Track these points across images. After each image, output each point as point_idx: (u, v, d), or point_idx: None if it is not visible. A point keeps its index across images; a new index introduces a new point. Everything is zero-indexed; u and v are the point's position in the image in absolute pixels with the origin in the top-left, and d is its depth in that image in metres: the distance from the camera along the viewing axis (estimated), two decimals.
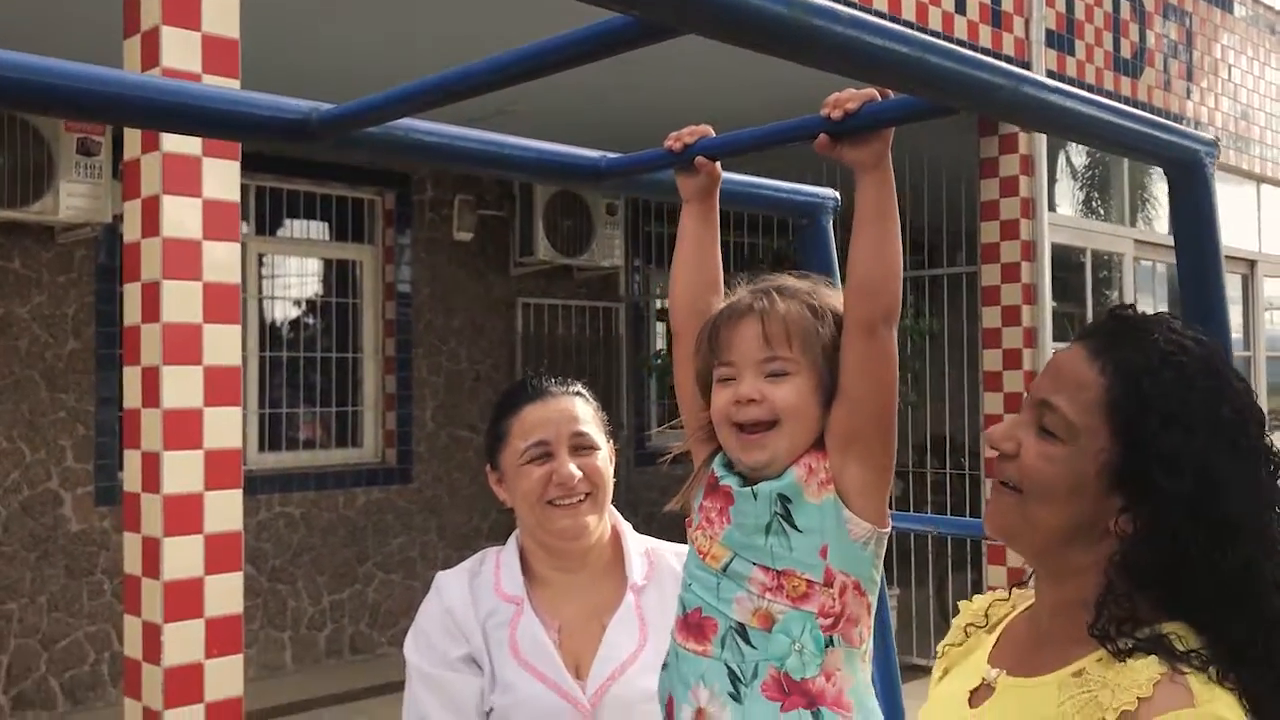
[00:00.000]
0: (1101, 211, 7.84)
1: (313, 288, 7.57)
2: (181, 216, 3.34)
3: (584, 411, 1.85)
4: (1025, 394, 1.35)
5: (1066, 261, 7.15)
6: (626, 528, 1.91)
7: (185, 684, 3.32)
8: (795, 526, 1.35)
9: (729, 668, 1.35)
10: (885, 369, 1.35)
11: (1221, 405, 1.18)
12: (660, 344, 9.27)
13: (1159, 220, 8.43)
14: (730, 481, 1.41)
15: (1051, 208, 6.90)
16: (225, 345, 3.42)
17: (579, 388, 1.90)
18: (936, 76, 1.14)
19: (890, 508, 1.42)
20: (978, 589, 6.58)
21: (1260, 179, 9.31)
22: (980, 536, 5.70)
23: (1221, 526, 1.15)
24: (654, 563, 1.87)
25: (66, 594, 6.13)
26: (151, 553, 3.35)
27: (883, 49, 1.06)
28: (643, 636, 1.79)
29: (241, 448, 3.51)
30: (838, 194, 1.94)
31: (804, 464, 1.37)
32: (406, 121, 1.35)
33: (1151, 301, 8.17)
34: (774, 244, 7.36)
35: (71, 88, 1.19)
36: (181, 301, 3.34)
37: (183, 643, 3.33)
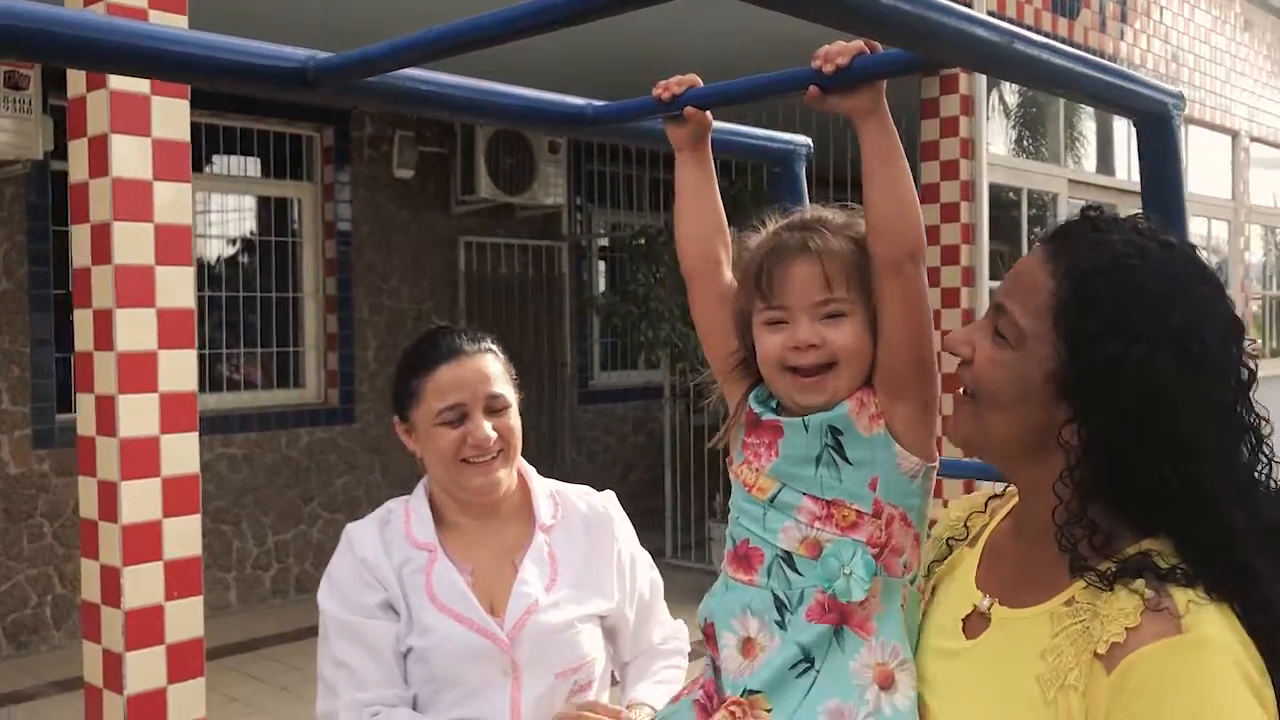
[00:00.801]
0: (1033, 150, 7.96)
1: (249, 226, 7.45)
2: (130, 156, 3.28)
3: (496, 369, 1.88)
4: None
5: (1000, 200, 7.27)
6: (532, 472, 1.97)
7: (146, 626, 3.33)
8: (846, 458, 1.35)
9: (775, 595, 1.36)
10: (917, 307, 1.34)
11: (1173, 312, 1.13)
12: (603, 283, 9.29)
13: (1088, 159, 8.59)
14: (773, 415, 1.41)
15: None
16: (178, 287, 3.38)
17: (489, 343, 1.91)
18: (932, 32, 1.17)
19: None
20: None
21: (1188, 120, 9.51)
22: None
23: (1168, 442, 1.11)
24: (560, 504, 1.94)
25: (6, 537, 6.05)
26: (108, 496, 3.33)
27: (878, 4, 1.08)
28: (553, 573, 1.87)
29: (196, 390, 3.48)
30: (810, 140, 1.98)
31: (856, 398, 1.36)
32: (401, 70, 1.35)
33: None
34: (733, 187, 7.35)
35: (67, 35, 1.18)
36: (133, 243, 3.29)
37: (142, 585, 3.33)
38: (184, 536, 3.41)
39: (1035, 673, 1.13)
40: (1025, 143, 8.00)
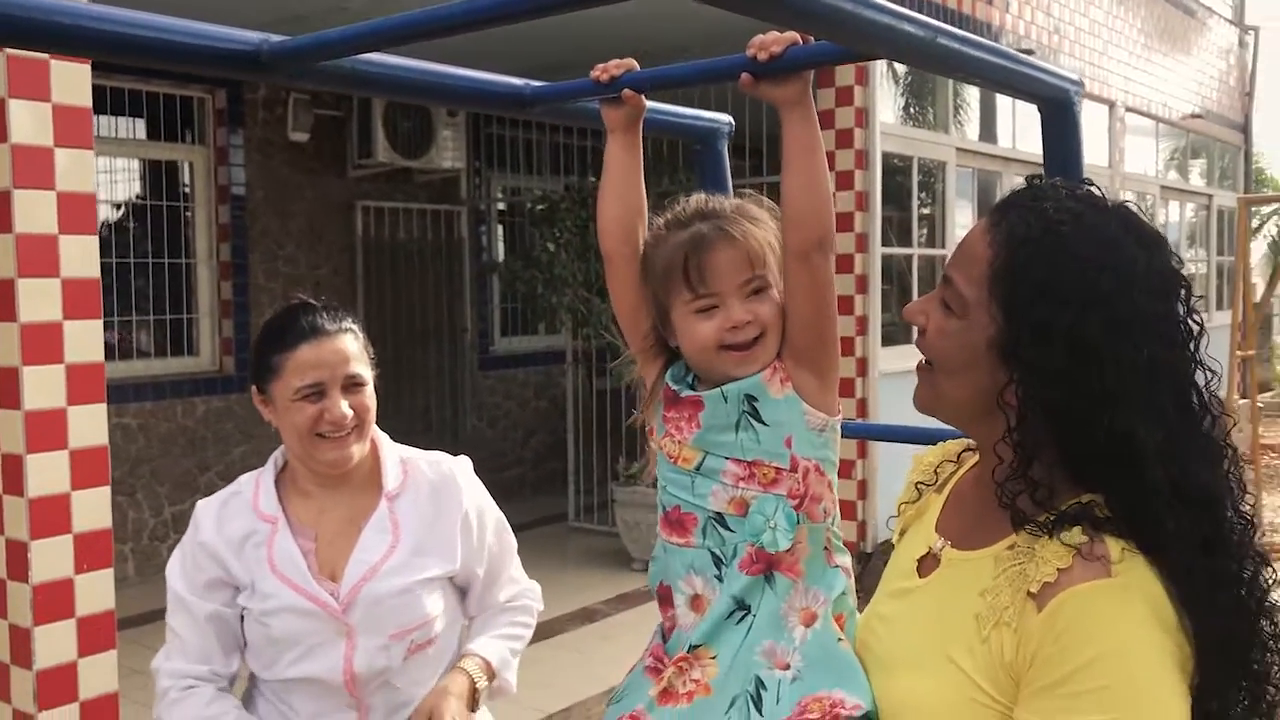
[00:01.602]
0: (920, 118, 8.17)
1: (136, 190, 7.25)
2: (29, 122, 3.20)
3: (355, 349, 1.95)
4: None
5: (889, 166, 7.46)
6: (384, 439, 2.05)
7: (55, 600, 3.29)
8: (762, 421, 1.46)
9: (712, 553, 1.47)
10: (823, 292, 1.45)
11: (1102, 275, 1.16)
12: (502, 248, 9.27)
13: (971, 125, 8.84)
14: (691, 391, 1.51)
15: None
16: (82, 256, 3.32)
17: (349, 322, 1.98)
18: (861, 26, 1.25)
19: None
20: None
21: None
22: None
23: (1097, 402, 1.15)
24: (408, 471, 2.02)
25: None
26: (14, 470, 3.27)
27: (814, 1, 1.15)
28: (395, 538, 1.96)
29: (103, 361, 3.43)
30: (732, 119, 2.05)
31: (769, 366, 1.48)
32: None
33: (971, 204, 8.62)
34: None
35: (18, 17, 1.19)
36: (33, 212, 3.22)
37: (51, 559, 3.28)
38: (93, 508, 3.37)
39: (975, 610, 1.20)
40: (912, 110, 8.20)
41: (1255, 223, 17.74)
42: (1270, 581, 1.20)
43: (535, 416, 9.38)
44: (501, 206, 9.30)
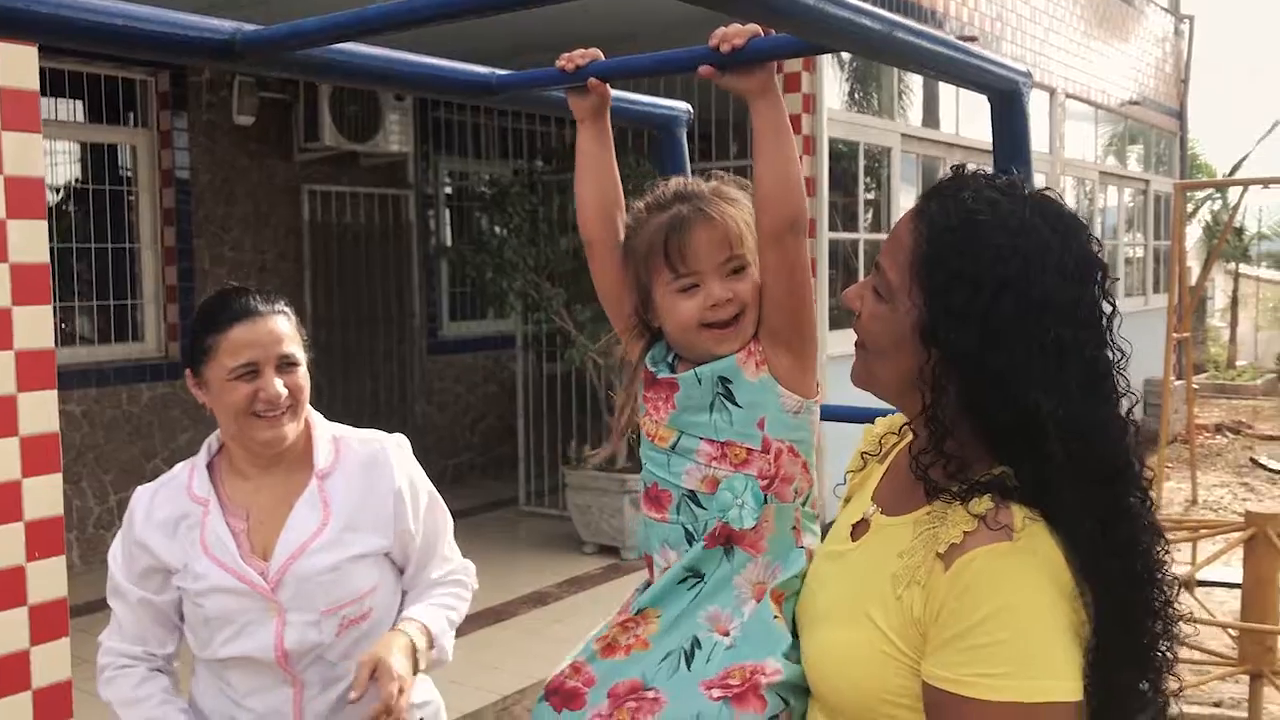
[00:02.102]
0: (864, 103, 8.25)
1: (79, 174, 7.14)
2: None
3: (288, 329, 1.98)
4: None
5: (834, 151, 7.53)
6: (317, 418, 2.08)
7: (7, 588, 3.26)
8: (736, 403, 1.50)
9: (685, 529, 1.52)
10: (796, 273, 1.49)
11: (1013, 260, 1.20)
12: (449, 233, 9.24)
13: (914, 109, 8.95)
14: (668, 372, 1.56)
15: None
16: (31, 241, 3.28)
17: (283, 305, 2.01)
18: (821, 20, 1.29)
19: None
20: None
21: None
22: None
23: (1004, 378, 1.20)
24: (340, 450, 2.05)
25: None
26: None
27: None
28: (325, 517, 1.98)
29: (54, 347, 3.39)
30: (690, 107, 2.09)
31: (745, 349, 1.52)
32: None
33: (915, 189, 8.74)
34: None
35: (4, 6, 1.20)
36: None
37: (3, 547, 3.25)
38: (45, 496, 3.34)
39: (892, 570, 1.26)
40: (858, 96, 8.29)
41: (1190, 207, 18.11)
42: (1164, 553, 1.26)
43: (485, 401, 9.37)
44: (449, 191, 9.27)
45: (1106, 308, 1.25)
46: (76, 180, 7.09)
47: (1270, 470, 10.69)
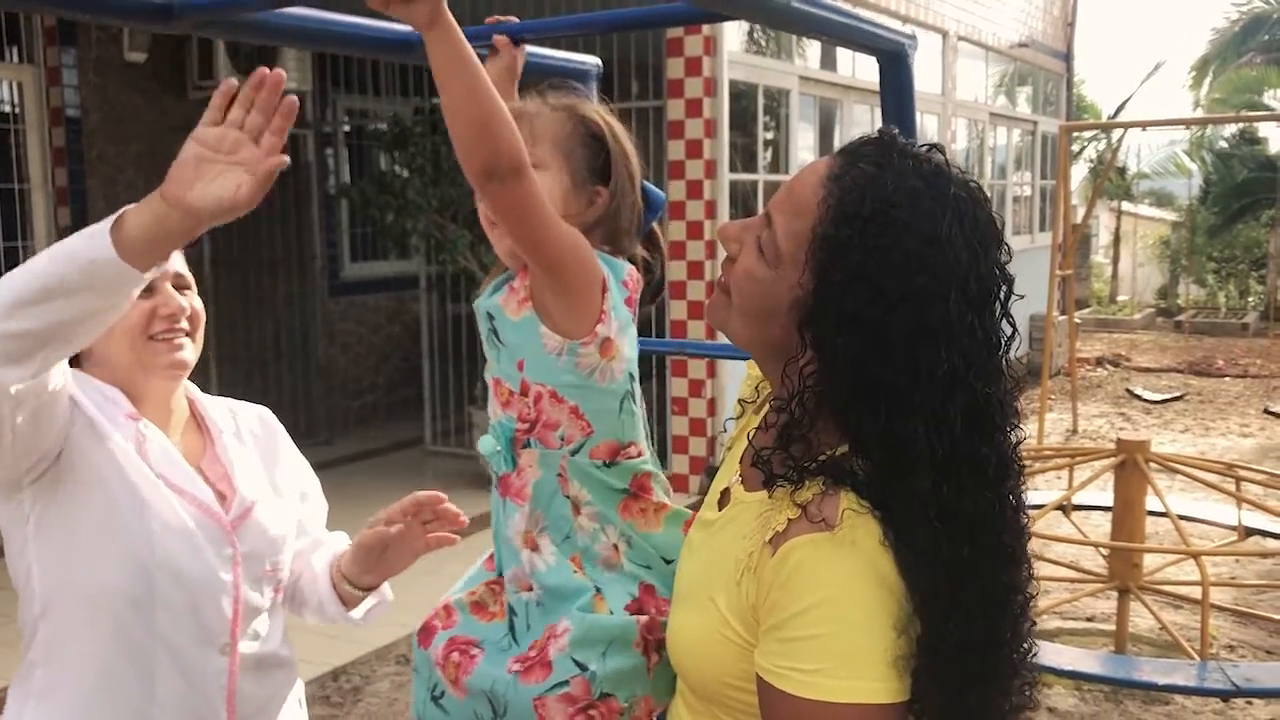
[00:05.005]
0: (763, 45, 8.36)
1: None
2: None
3: (176, 254, 1.77)
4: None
5: (734, 91, 7.64)
6: (196, 389, 1.87)
7: None
8: (501, 341, 1.48)
9: (496, 448, 1.51)
10: (517, 218, 1.36)
11: (921, 274, 1.11)
12: (349, 173, 9.16)
13: (812, 50, 9.09)
14: (484, 298, 1.53)
15: None
16: None
17: None
18: None
19: None
20: (662, 401, 7.21)
21: (904, 20, 10.20)
22: (664, 351, 6.24)
23: (878, 392, 1.12)
24: (236, 418, 1.87)
25: None
26: None
27: None
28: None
29: None
30: (599, 60, 2.19)
31: (509, 284, 1.49)
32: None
33: (813, 131, 8.92)
34: None
35: None
36: None
37: None
38: None
39: (735, 554, 1.20)
40: (757, 37, 8.39)
41: (1076, 147, 18.70)
42: (1017, 586, 1.17)
43: (388, 342, 9.38)
44: (348, 129, 9.17)
45: (1005, 330, 1.17)
46: None
47: (1145, 400, 11.26)
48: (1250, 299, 18.27)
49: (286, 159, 1.31)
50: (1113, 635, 4.88)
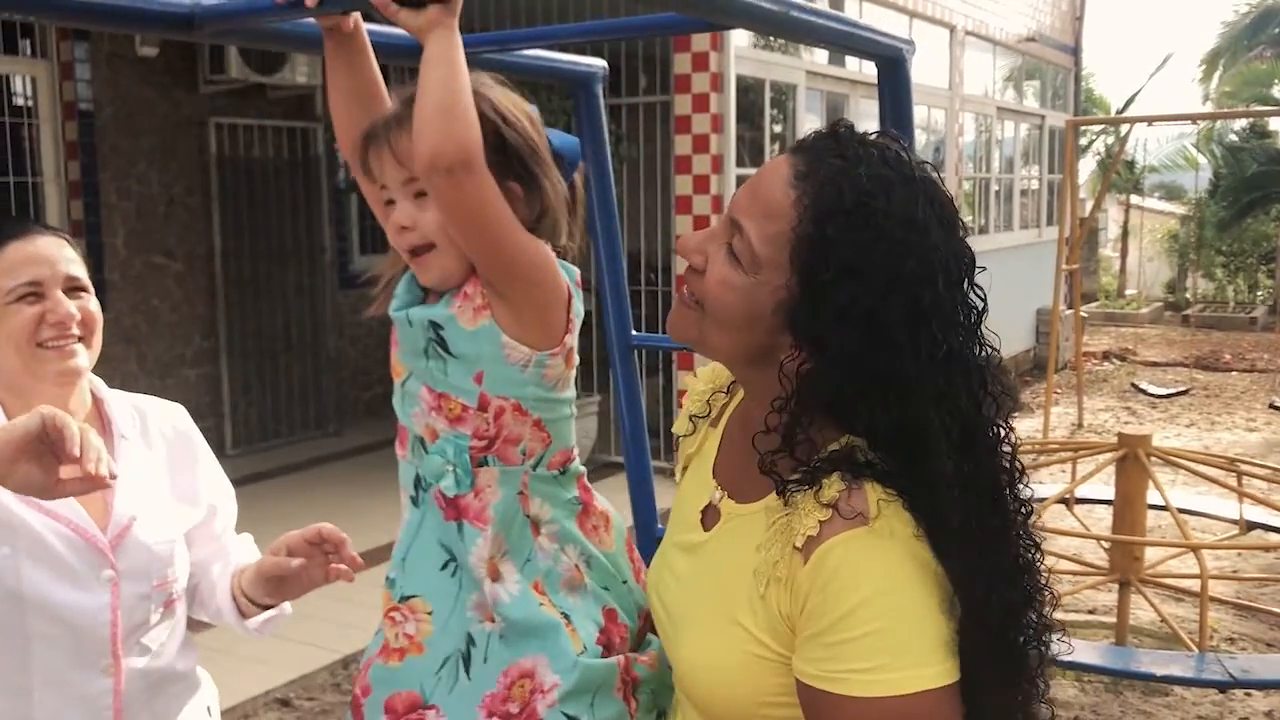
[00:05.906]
0: (771, 42, 8.39)
1: None
2: None
3: (72, 254, 1.71)
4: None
5: (741, 85, 7.68)
6: (103, 384, 1.80)
7: None
8: (450, 353, 1.36)
9: (416, 473, 1.42)
10: (463, 216, 1.29)
11: (908, 259, 1.12)
12: None
13: (820, 49, 9.12)
14: (398, 307, 1.42)
15: None
16: None
17: (65, 233, 1.75)
18: (720, 3, 1.45)
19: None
20: (668, 393, 7.26)
21: (912, 15, 10.22)
22: (671, 347, 6.28)
23: (885, 383, 1.12)
24: (140, 416, 1.80)
25: None
26: None
27: None
28: (141, 487, 1.73)
29: None
30: (605, 64, 2.23)
31: (462, 290, 1.36)
32: None
33: (819, 125, 8.92)
34: None
35: None
36: None
37: None
38: None
39: (752, 566, 1.18)
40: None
41: (1085, 142, 18.68)
42: (1035, 558, 1.20)
43: None
44: None
45: (977, 303, 1.18)
46: None
47: (1150, 395, 11.28)
48: (1259, 293, 18.26)
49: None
50: (1113, 628, 4.93)
